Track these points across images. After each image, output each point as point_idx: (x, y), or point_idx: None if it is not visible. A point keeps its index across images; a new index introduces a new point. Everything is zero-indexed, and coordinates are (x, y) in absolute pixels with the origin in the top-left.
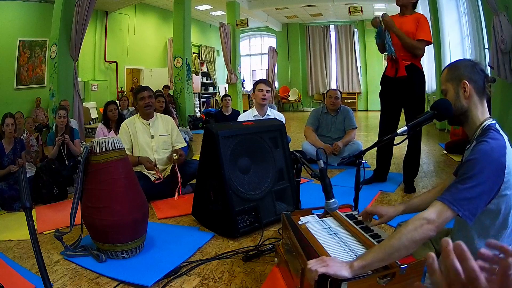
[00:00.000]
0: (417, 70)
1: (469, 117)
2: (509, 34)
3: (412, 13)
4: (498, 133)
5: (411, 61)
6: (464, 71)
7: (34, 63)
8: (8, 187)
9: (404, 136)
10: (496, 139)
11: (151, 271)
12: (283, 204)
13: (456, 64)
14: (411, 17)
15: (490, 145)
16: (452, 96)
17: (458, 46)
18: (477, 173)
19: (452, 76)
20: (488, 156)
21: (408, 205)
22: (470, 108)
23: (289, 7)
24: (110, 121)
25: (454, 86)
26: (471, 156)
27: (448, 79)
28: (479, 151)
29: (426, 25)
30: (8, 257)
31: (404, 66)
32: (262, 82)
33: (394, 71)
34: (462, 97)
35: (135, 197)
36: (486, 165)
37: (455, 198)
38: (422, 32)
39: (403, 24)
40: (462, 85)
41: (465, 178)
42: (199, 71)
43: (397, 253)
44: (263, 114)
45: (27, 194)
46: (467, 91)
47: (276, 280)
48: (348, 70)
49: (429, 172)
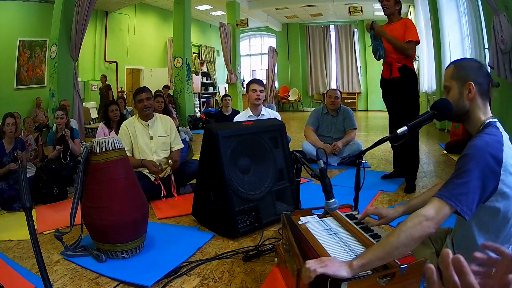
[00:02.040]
0: (409, 70)
1: (470, 117)
2: (509, 34)
3: (399, 19)
4: (497, 129)
5: (404, 62)
6: (470, 72)
7: (34, 63)
8: (8, 187)
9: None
10: (492, 135)
11: (151, 271)
12: (283, 204)
13: (463, 64)
14: (399, 23)
15: (484, 139)
16: (455, 95)
17: (458, 46)
18: (472, 168)
19: (458, 75)
20: (481, 150)
21: (408, 206)
22: (472, 109)
23: (289, 7)
24: (111, 121)
25: (459, 85)
26: (466, 151)
27: (453, 77)
28: (473, 146)
29: (412, 27)
30: (8, 257)
31: (397, 67)
32: (254, 82)
33: (389, 73)
34: (465, 97)
35: (135, 197)
36: (480, 160)
37: (452, 193)
38: (410, 34)
39: (393, 31)
40: (467, 86)
41: (461, 173)
42: (199, 71)
43: (397, 251)
44: (257, 114)
45: (27, 194)
46: (471, 93)
47: (276, 280)
48: (348, 70)
49: (429, 172)
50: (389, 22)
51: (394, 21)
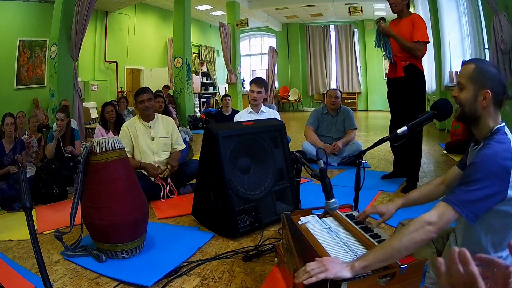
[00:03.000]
0: (416, 70)
1: (479, 123)
2: (509, 34)
3: (408, 14)
4: (505, 136)
5: (410, 61)
6: (490, 80)
7: (34, 63)
8: (8, 187)
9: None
10: (501, 143)
11: (151, 271)
12: (283, 204)
13: (485, 68)
14: (407, 20)
15: (494, 149)
16: (468, 97)
17: (458, 46)
18: (481, 177)
19: (477, 78)
20: (492, 160)
21: (407, 199)
22: (483, 115)
23: (289, 7)
24: (108, 123)
25: (475, 88)
26: (475, 160)
27: (471, 78)
28: (483, 155)
29: (421, 25)
30: (8, 257)
31: (402, 66)
32: (254, 83)
33: (394, 72)
34: (479, 103)
35: (135, 197)
36: (490, 169)
37: (460, 199)
38: (418, 33)
39: (401, 28)
40: (484, 94)
41: (470, 181)
42: (199, 71)
43: (398, 254)
44: (257, 111)
45: (27, 194)
46: (486, 101)
47: (276, 280)
48: (348, 70)
49: (429, 172)
50: (398, 19)
51: (403, 17)
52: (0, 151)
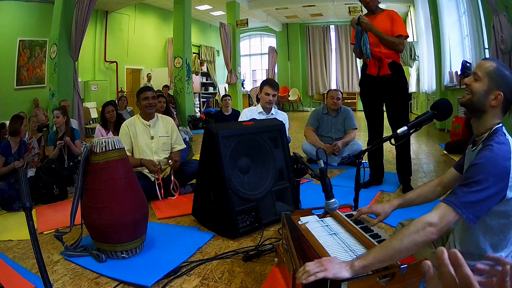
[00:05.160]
0: (399, 67)
1: (482, 118)
2: (509, 34)
3: (382, 10)
4: (504, 136)
5: (393, 58)
6: (506, 84)
7: (34, 63)
8: (8, 187)
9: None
10: (501, 143)
11: (151, 271)
12: (283, 204)
13: (504, 72)
14: (383, 15)
15: (494, 150)
16: (481, 90)
17: (458, 46)
18: (482, 179)
19: (494, 77)
20: (493, 162)
21: (404, 199)
22: (488, 113)
23: (289, 7)
24: (108, 122)
25: (490, 86)
26: (476, 161)
27: (490, 75)
28: (483, 157)
29: (400, 19)
30: (8, 257)
31: (387, 63)
32: (269, 86)
33: (377, 69)
34: (489, 101)
35: (135, 197)
36: (492, 171)
37: (461, 201)
38: (400, 28)
39: (378, 22)
40: (496, 94)
41: (471, 183)
42: (199, 71)
43: (398, 255)
44: (268, 112)
45: (27, 194)
46: (496, 101)
47: (276, 280)
48: (348, 70)
49: (429, 172)
50: (373, 15)
51: (377, 13)
52: (7, 150)
